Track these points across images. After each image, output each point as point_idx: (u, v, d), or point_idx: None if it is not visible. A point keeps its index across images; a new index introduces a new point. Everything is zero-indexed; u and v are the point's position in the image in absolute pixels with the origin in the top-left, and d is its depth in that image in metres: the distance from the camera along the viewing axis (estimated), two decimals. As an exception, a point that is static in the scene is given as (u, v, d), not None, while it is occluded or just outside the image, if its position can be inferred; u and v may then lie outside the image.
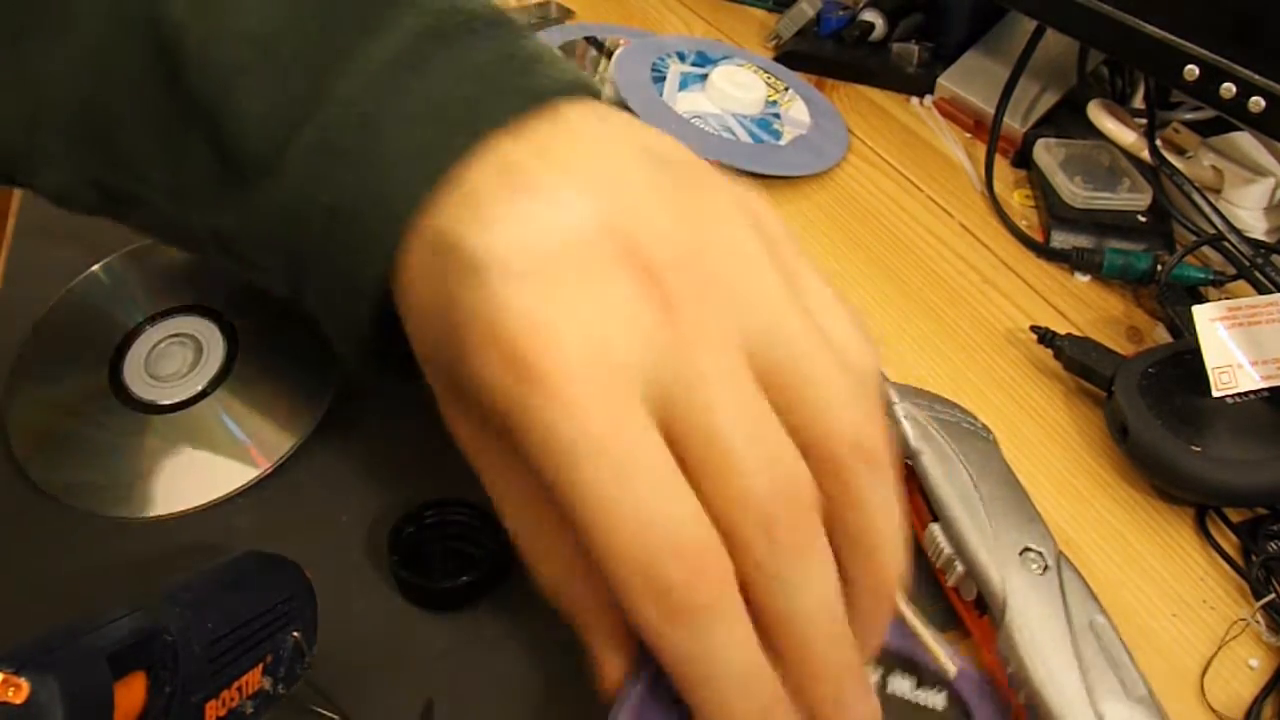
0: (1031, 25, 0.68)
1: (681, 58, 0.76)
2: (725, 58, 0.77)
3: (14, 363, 0.50)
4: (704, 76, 0.73)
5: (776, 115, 0.73)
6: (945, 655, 0.34)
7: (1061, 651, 0.36)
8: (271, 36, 0.32)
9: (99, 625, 0.26)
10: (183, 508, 0.45)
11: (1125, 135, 0.64)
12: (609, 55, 0.78)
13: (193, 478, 0.46)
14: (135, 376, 0.49)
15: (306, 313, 0.37)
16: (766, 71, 0.77)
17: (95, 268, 0.55)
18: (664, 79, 0.73)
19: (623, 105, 0.70)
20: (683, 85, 0.72)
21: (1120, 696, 0.35)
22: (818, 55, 0.82)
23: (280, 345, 0.51)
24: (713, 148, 0.68)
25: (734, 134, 0.69)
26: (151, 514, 0.45)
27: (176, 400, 0.48)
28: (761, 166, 0.68)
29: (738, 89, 0.72)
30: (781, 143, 0.70)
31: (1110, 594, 0.41)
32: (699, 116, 0.70)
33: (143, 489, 0.46)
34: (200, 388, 0.49)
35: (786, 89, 0.76)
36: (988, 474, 0.42)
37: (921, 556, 0.42)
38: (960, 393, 0.51)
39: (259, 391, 0.49)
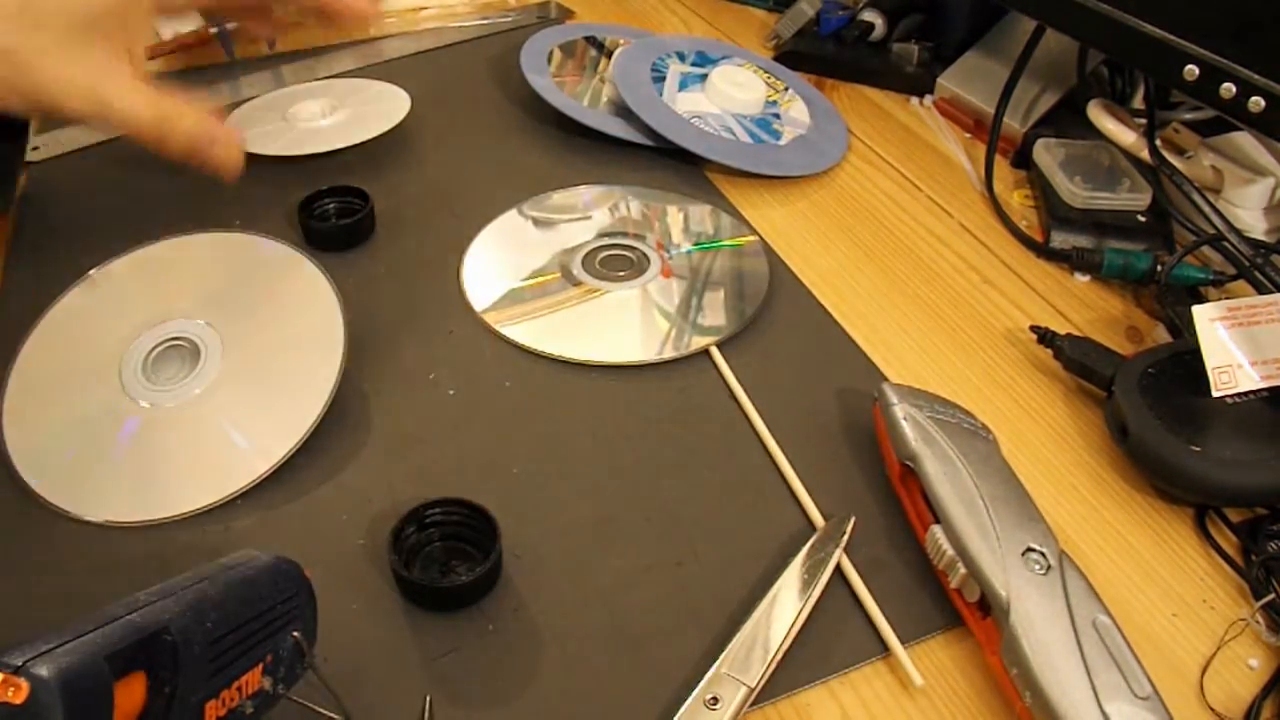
0: (1031, 25, 0.68)
1: (681, 58, 0.76)
2: (725, 58, 0.77)
3: (12, 368, 0.50)
4: (704, 76, 0.73)
5: (776, 115, 0.73)
6: None
7: (1066, 652, 0.36)
8: None
9: (99, 625, 0.26)
10: (182, 511, 0.45)
11: (1125, 135, 0.64)
12: (609, 55, 0.78)
13: (193, 481, 0.46)
14: (133, 380, 0.49)
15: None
16: (766, 71, 0.77)
17: (93, 272, 0.54)
18: (664, 79, 0.73)
19: (622, 105, 0.70)
20: (682, 85, 0.72)
21: (1126, 696, 0.35)
22: (818, 55, 0.82)
23: (276, 347, 0.51)
24: (713, 148, 0.68)
25: (734, 134, 0.69)
26: (151, 518, 0.45)
27: (175, 404, 0.48)
28: (761, 167, 0.68)
29: (737, 89, 0.72)
30: (781, 143, 0.70)
31: (1110, 594, 0.41)
32: (699, 116, 0.70)
33: (142, 493, 0.46)
34: (198, 391, 0.49)
35: (786, 89, 0.76)
36: (988, 474, 0.42)
37: (924, 559, 0.42)
38: (960, 393, 0.52)
39: (257, 394, 0.49)
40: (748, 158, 0.68)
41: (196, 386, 0.49)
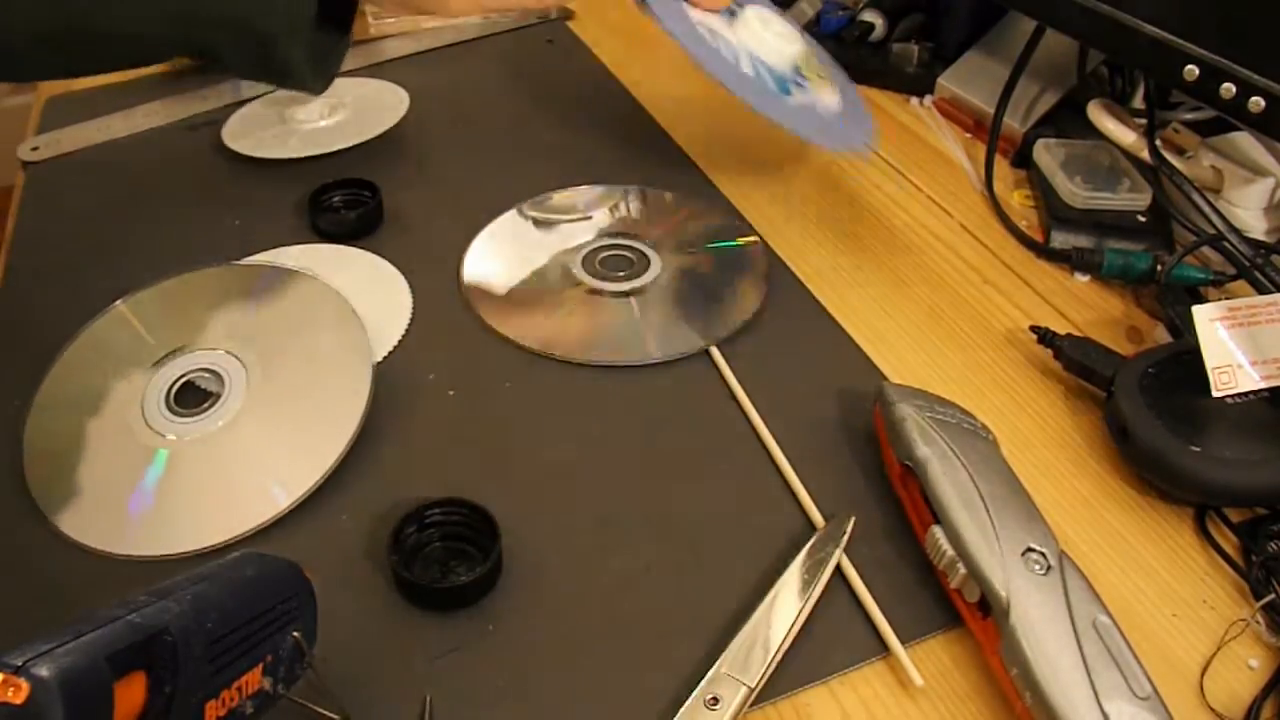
0: (1031, 25, 0.68)
1: None
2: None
3: (35, 397, 0.50)
4: (735, 11, 0.60)
5: (800, 85, 0.60)
6: None
7: (1066, 652, 0.36)
8: None
9: (99, 625, 0.26)
10: (202, 546, 0.44)
11: (1125, 135, 0.64)
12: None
13: (214, 516, 0.45)
14: (156, 412, 0.48)
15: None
16: (811, 49, 0.65)
17: (119, 303, 0.54)
18: None
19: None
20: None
21: (1126, 696, 0.35)
22: (817, 55, 0.82)
23: (301, 381, 0.50)
24: (708, 59, 0.55)
25: (736, 62, 0.57)
26: (171, 552, 0.44)
27: (197, 437, 0.47)
28: (761, 104, 0.56)
29: (771, 35, 0.60)
30: (790, 100, 0.59)
31: (1110, 594, 0.41)
32: (712, 33, 0.57)
33: (163, 527, 0.44)
34: (221, 424, 0.48)
35: (823, 77, 0.64)
36: (988, 474, 0.42)
37: (924, 559, 0.42)
38: (960, 393, 0.51)
39: (281, 428, 0.48)
40: (748, 90, 0.55)
41: (220, 419, 0.48)
